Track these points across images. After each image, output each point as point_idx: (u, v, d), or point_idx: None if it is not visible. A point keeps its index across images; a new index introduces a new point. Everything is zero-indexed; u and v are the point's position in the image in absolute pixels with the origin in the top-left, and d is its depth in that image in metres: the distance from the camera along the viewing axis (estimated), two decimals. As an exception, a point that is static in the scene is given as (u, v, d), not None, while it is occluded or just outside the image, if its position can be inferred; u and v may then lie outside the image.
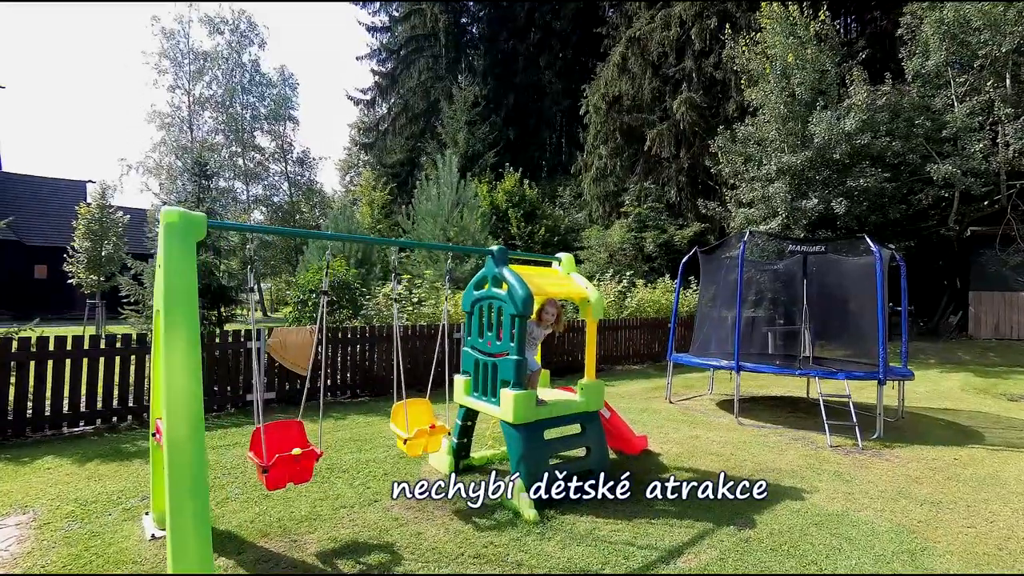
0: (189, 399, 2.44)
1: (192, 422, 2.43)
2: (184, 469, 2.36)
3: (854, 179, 12.68)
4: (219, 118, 32.96)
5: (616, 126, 20.34)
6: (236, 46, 33.30)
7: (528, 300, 3.66)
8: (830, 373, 5.93)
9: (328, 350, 7.10)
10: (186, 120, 31.77)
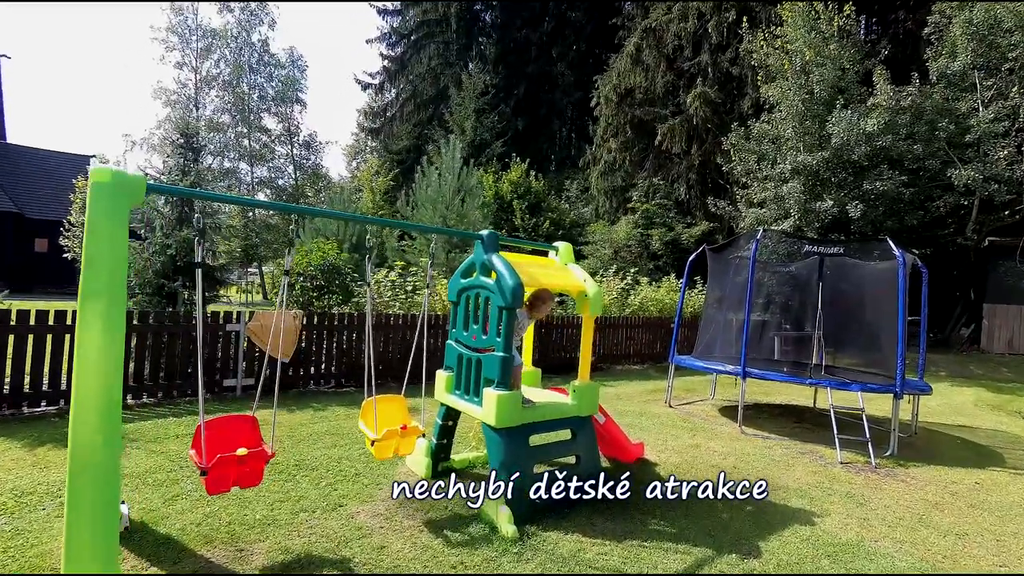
0: (102, 385, 2.08)
1: (104, 412, 2.08)
2: (90, 469, 2.02)
3: (871, 182, 12.21)
4: (225, 97, 32.57)
5: (627, 119, 19.84)
6: (246, 25, 32.85)
7: (518, 291, 3.29)
8: (843, 384, 5.54)
9: (312, 337, 6.76)
10: (192, 98, 31.41)
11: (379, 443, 3.10)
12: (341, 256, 7.48)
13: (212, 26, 31.90)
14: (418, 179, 13.15)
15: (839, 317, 7.13)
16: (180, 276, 6.61)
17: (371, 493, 3.59)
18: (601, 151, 20.90)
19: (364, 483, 3.76)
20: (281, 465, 4.02)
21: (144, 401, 5.71)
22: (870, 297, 6.60)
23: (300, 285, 7.14)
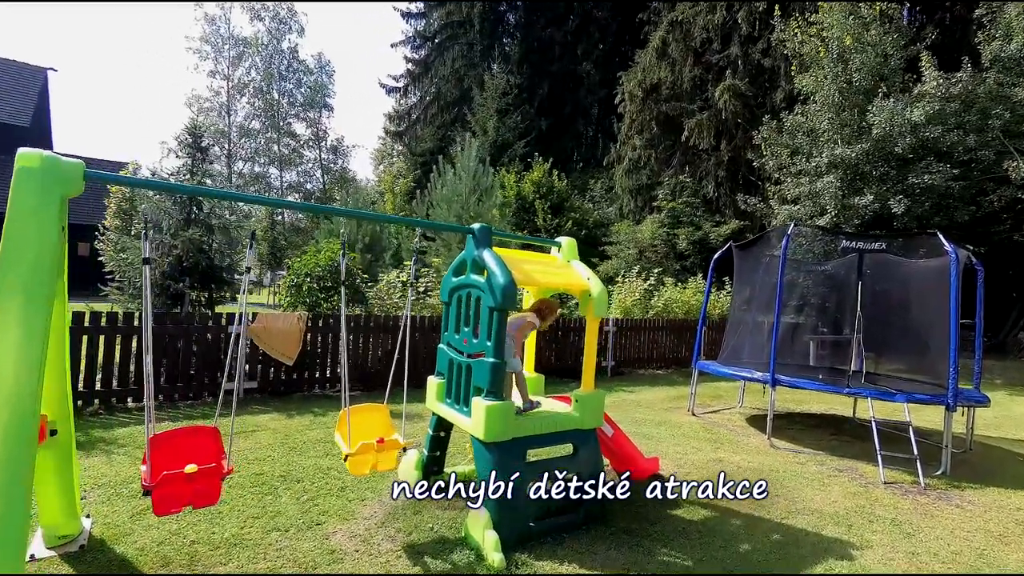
0: (17, 396, 1.84)
1: (17, 425, 1.84)
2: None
3: (917, 175, 11.34)
4: (256, 104, 33.36)
5: (652, 115, 19.24)
6: (275, 33, 33.59)
7: (509, 290, 2.96)
8: (887, 394, 4.99)
9: (317, 339, 6.58)
10: (224, 105, 32.29)
11: (353, 458, 2.81)
12: (351, 256, 7.29)
13: (244, 35, 32.75)
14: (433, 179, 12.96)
15: (881, 319, 6.52)
16: (187, 277, 6.54)
17: (354, 510, 3.31)
18: (626, 149, 20.34)
19: (348, 498, 3.48)
20: (265, 476, 3.79)
21: (142, 404, 5.60)
22: (916, 297, 5.99)
23: (307, 286, 6.98)
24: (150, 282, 2.62)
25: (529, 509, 3.04)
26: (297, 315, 6.42)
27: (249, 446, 4.44)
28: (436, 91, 29.99)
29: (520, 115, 24.45)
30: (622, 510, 3.45)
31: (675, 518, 3.41)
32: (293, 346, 6.35)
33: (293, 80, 34.70)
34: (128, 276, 6.43)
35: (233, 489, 3.53)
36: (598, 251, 18.21)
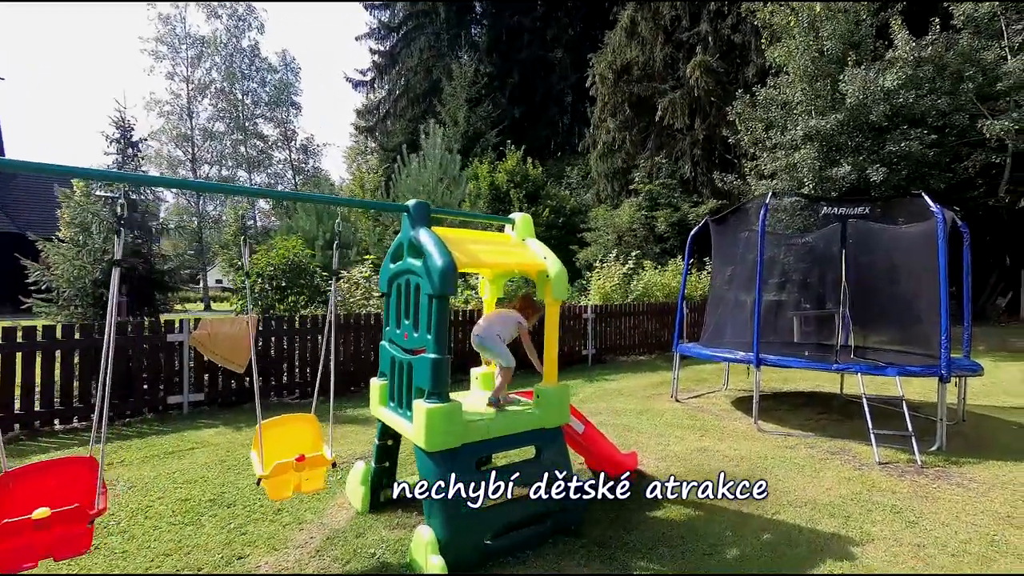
0: None
1: None
2: None
3: (894, 143, 11.16)
4: (219, 105, 32.21)
5: (625, 97, 18.87)
6: (234, 31, 32.40)
7: (448, 273, 2.53)
8: (877, 368, 4.68)
9: (270, 343, 6.08)
10: (185, 108, 31.08)
11: (268, 481, 2.36)
12: (305, 253, 6.79)
13: (201, 33, 31.52)
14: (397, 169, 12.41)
15: (866, 291, 6.23)
16: (123, 284, 5.97)
17: (287, 537, 2.87)
18: (599, 132, 19.95)
19: (283, 522, 3.04)
20: (192, 502, 3.32)
21: (73, 425, 5.07)
22: (902, 265, 5.70)
23: (259, 287, 6.45)
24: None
25: (484, 525, 2.63)
26: (247, 319, 5.90)
27: (182, 467, 3.96)
28: (405, 83, 29.24)
29: (491, 104, 23.91)
30: (595, 517, 3.06)
31: (655, 522, 3.03)
32: (242, 353, 5.78)
33: (257, 79, 33.56)
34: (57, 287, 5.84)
35: (149, 521, 3.06)
36: (576, 238, 17.85)
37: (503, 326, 3.22)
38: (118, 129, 6.35)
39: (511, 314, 3.33)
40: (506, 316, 3.29)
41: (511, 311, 3.39)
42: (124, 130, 6.33)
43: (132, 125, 6.36)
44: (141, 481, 3.69)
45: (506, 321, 3.26)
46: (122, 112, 6.29)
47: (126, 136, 6.35)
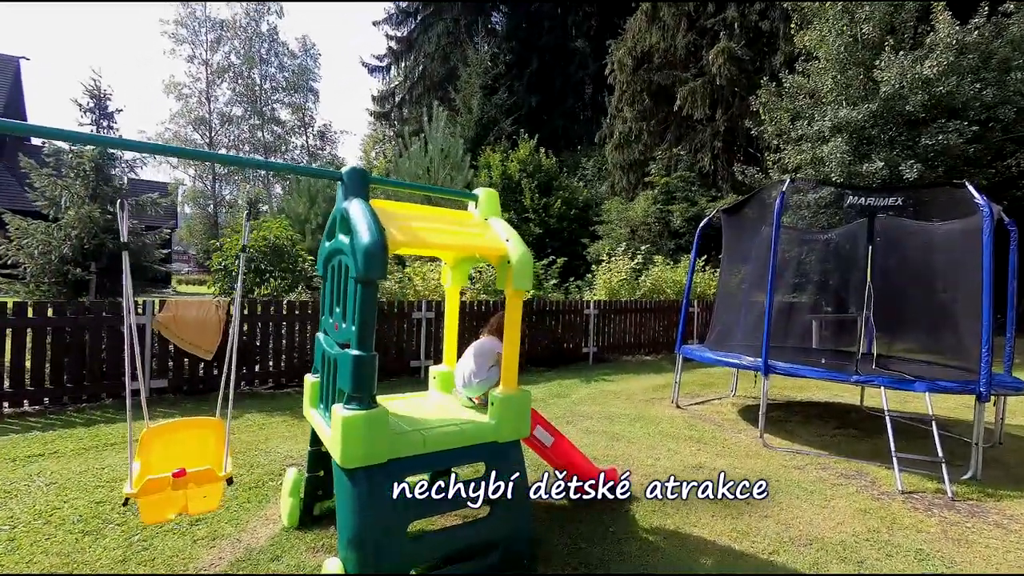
0: None
1: None
2: None
3: (930, 137, 10.32)
4: (237, 89, 32.25)
5: (644, 86, 18.11)
6: (254, 15, 32.33)
7: (374, 253, 2.07)
8: (904, 382, 4.09)
9: (243, 329, 5.72)
10: (204, 92, 31.18)
11: (142, 500, 1.94)
12: (286, 235, 6.41)
13: (221, 17, 31.50)
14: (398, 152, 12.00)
15: (894, 294, 5.60)
16: (91, 261, 5.67)
17: (192, 556, 2.47)
18: (616, 122, 19.23)
19: (196, 536, 2.64)
20: (104, 505, 2.95)
21: (24, 409, 4.77)
22: (937, 266, 5.06)
23: (235, 270, 6.09)
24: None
25: (412, 557, 2.19)
26: (215, 302, 5.55)
27: (115, 463, 3.60)
28: (421, 70, 28.79)
29: (507, 92, 23.29)
30: (553, 548, 2.59)
31: (624, 558, 2.55)
32: (211, 338, 5.50)
33: (275, 64, 33.51)
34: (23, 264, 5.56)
35: (48, 527, 2.69)
36: (588, 231, 17.26)
37: (478, 365, 2.85)
38: (92, 99, 6.03)
39: (484, 345, 2.97)
40: (479, 350, 2.93)
41: (484, 340, 3.04)
42: (99, 99, 6.01)
43: (108, 94, 6.04)
44: (64, 477, 3.34)
45: (482, 355, 2.89)
46: (97, 80, 5.97)
47: (101, 106, 6.03)
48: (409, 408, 2.79)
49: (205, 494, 2.11)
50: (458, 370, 2.95)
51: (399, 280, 7.33)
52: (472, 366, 2.85)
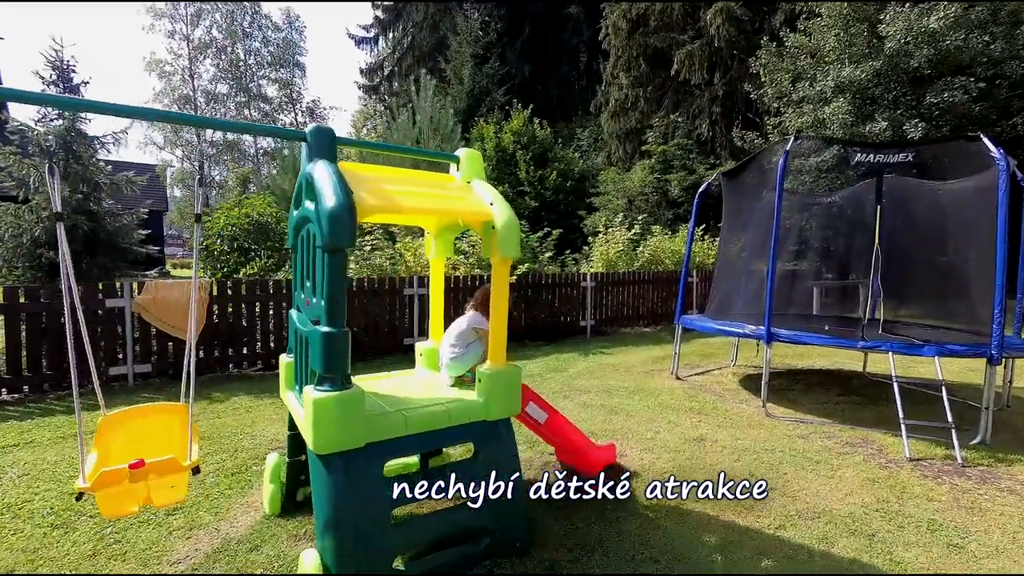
0: None
1: None
2: None
3: (935, 94, 9.97)
4: (221, 65, 31.28)
5: (640, 51, 17.51)
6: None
7: (339, 217, 1.86)
8: (913, 347, 3.93)
9: (227, 310, 5.53)
10: (186, 69, 30.24)
11: (97, 494, 1.78)
12: (273, 213, 6.17)
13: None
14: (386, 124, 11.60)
15: (900, 257, 5.41)
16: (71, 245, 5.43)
17: (168, 548, 2.33)
18: (612, 90, 18.67)
19: (172, 527, 2.50)
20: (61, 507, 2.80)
21: (3, 398, 4.61)
22: (947, 226, 4.86)
23: (218, 249, 5.86)
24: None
25: (395, 545, 2.05)
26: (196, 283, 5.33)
27: (93, 450, 3.45)
28: (410, 40, 27.84)
29: (499, 61, 22.57)
30: (549, 531, 2.46)
31: (624, 539, 2.42)
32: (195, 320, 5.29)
33: (259, 37, 32.43)
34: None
35: (17, 520, 2.55)
36: (585, 203, 16.94)
37: (458, 341, 2.72)
38: (55, 71, 5.68)
39: (463, 320, 2.82)
40: (458, 326, 2.80)
41: (466, 315, 2.88)
42: (62, 71, 5.66)
43: (72, 66, 5.69)
44: (38, 468, 3.19)
45: (461, 331, 2.76)
46: (59, 51, 5.62)
47: (65, 78, 5.69)
48: (393, 387, 2.63)
49: (172, 484, 1.95)
50: (441, 349, 2.79)
51: (390, 256, 7.11)
52: (452, 342, 2.70)
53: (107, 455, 2.01)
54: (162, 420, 2.18)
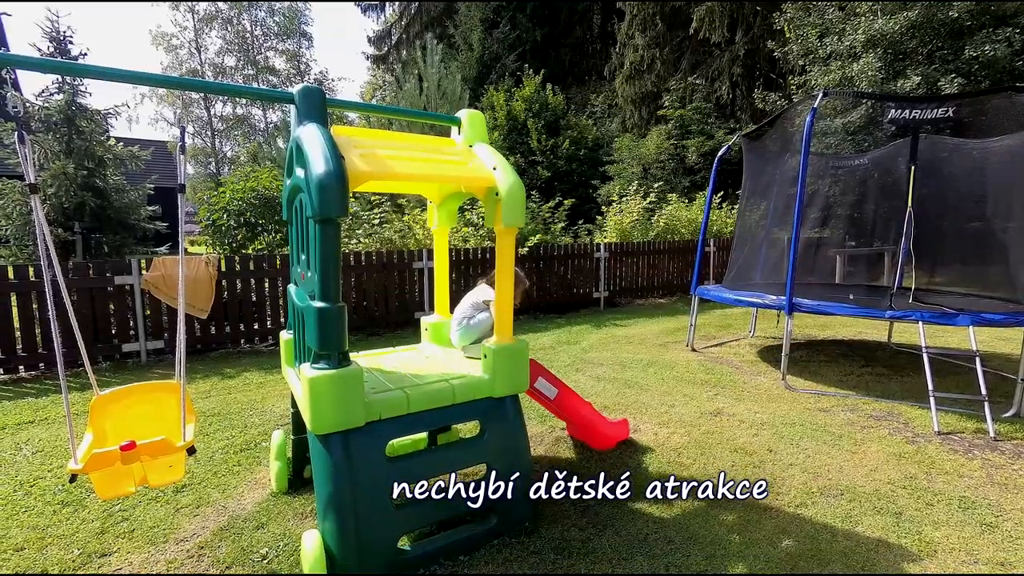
0: None
1: None
2: None
3: (975, 47, 9.33)
4: (227, 36, 30.80)
5: (656, 9, 16.71)
6: (237, -47, 30.29)
7: (329, 184, 1.73)
8: (946, 316, 3.72)
9: (236, 285, 5.50)
10: (192, 41, 29.85)
11: (91, 475, 1.73)
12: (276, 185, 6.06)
13: (202, -43, 29.59)
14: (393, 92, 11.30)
15: (933, 221, 5.11)
16: (75, 221, 5.41)
17: (175, 525, 2.32)
18: (627, 51, 17.94)
19: (180, 504, 2.49)
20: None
21: (21, 375, 4.68)
22: (986, 189, 4.55)
23: (225, 224, 5.79)
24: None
25: (400, 526, 2.00)
26: (205, 259, 5.31)
27: (105, 426, 3.47)
28: (418, 5, 27.00)
29: (510, 25, 21.79)
30: (559, 509, 2.40)
31: (637, 518, 2.34)
32: (203, 296, 5.30)
33: (264, 7, 31.74)
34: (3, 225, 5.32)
35: (29, 498, 2.57)
36: (599, 172, 16.52)
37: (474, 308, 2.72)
38: (52, 42, 5.54)
39: (475, 295, 2.80)
40: (474, 295, 2.80)
41: (478, 288, 2.88)
42: (59, 43, 5.53)
43: (70, 38, 5.55)
44: (52, 445, 3.22)
45: (476, 302, 2.74)
46: (55, 22, 5.47)
47: (62, 50, 5.55)
48: (397, 363, 2.54)
49: (169, 464, 1.90)
50: (452, 321, 2.73)
51: (399, 230, 6.99)
52: (464, 312, 2.65)
53: (102, 436, 1.96)
54: (158, 399, 2.12)
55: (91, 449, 1.78)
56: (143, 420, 2.04)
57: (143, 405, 2.09)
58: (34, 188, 1.75)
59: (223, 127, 31.35)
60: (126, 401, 2.07)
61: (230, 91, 2.29)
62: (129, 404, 2.07)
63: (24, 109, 1.67)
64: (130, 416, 2.05)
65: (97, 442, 1.88)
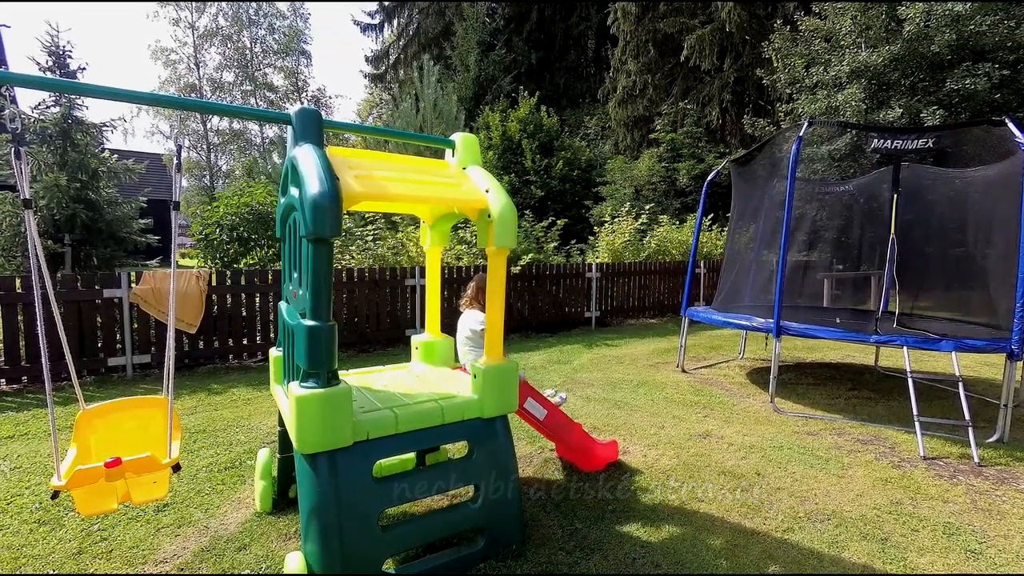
0: None
1: None
2: None
3: (955, 81, 9.65)
4: (227, 53, 31.11)
5: (649, 35, 17.15)
6: (240, -27, 30.80)
7: (323, 204, 1.76)
8: (929, 341, 3.79)
9: (227, 299, 5.47)
10: (192, 56, 30.11)
11: (76, 492, 1.71)
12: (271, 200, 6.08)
13: (205, -24, 30.05)
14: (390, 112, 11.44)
15: (916, 248, 5.23)
16: (65, 233, 5.38)
17: (153, 546, 2.27)
18: (619, 76, 18.33)
19: (161, 524, 2.44)
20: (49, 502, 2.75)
21: (2, 389, 4.60)
22: (967, 217, 4.67)
23: (217, 239, 5.78)
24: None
25: (385, 547, 1.97)
26: (195, 273, 5.28)
27: (87, 443, 3.40)
28: (415, 27, 27.51)
29: (506, 47, 22.24)
30: (547, 531, 2.38)
31: (625, 541, 2.33)
32: (193, 311, 5.26)
33: (264, 25, 32.18)
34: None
35: (5, 516, 2.50)
36: (592, 193, 16.72)
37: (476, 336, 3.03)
38: (51, 56, 5.59)
39: (468, 318, 3.12)
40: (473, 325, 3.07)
41: (468, 314, 3.18)
42: (58, 56, 5.58)
43: (69, 52, 5.60)
44: (31, 461, 3.15)
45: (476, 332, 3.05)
46: (55, 36, 5.52)
47: (61, 64, 5.60)
48: (387, 382, 2.54)
49: (153, 480, 1.87)
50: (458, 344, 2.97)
51: (392, 247, 7.02)
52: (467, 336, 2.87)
53: (87, 451, 1.94)
54: (144, 414, 2.10)
55: (75, 465, 1.76)
56: (128, 436, 2.02)
57: (129, 420, 2.07)
58: (28, 203, 1.75)
59: (219, 141, 31.44)
60: (112, 416, 2.05)
61: (228, 111, 2.32)
62: (115, 419, 2.05)
63: (21, 123, 1.67)
64: (115, 431, 2.02)
65: (81, 457, 1.86)
